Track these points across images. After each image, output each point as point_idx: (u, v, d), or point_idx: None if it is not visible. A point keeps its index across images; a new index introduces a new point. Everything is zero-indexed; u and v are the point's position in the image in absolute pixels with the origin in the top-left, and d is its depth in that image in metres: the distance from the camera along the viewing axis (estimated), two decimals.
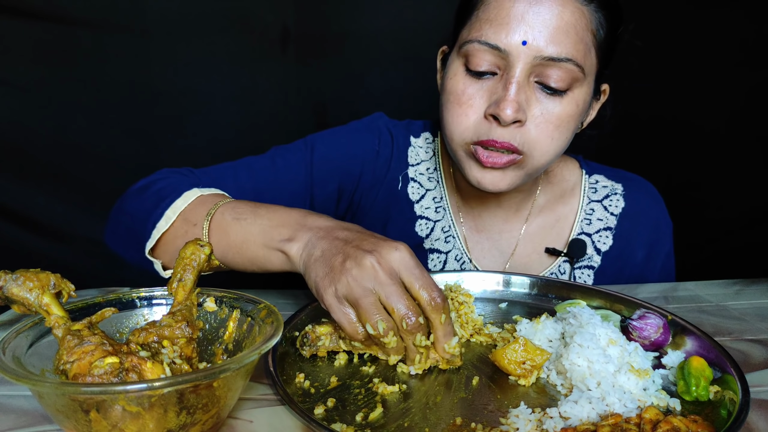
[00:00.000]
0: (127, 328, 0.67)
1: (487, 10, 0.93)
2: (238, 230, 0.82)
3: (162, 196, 0.90)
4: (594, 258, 1.16)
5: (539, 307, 0.94)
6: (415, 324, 0.67)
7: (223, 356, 0.66)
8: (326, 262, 0.70)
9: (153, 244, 0.87)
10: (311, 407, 0.64)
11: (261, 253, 0.80)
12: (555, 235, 1.18)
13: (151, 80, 1.78)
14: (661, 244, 1.20)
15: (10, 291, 0.57)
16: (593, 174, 1.21)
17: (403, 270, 0.68)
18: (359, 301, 0.67)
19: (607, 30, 0.96)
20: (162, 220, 0.87)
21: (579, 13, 0.91)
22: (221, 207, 0.85)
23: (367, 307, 0.67)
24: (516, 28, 0.90)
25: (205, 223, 0.84)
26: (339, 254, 0.70)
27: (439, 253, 1.17)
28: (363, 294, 0.67)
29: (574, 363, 0.69)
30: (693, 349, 0.77)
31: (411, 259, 0.69)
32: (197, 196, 0.89)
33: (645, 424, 0.59)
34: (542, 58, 0.90)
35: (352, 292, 0.67)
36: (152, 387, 0.48)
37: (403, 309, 0.67)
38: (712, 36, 1.81)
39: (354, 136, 1.17)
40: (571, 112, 0.95)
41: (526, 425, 0.61)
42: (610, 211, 1.17)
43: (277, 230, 0.78)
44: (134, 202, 0.95)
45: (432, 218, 1.18)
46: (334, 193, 1.16)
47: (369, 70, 1.83)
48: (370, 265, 0.67)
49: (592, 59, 0.95)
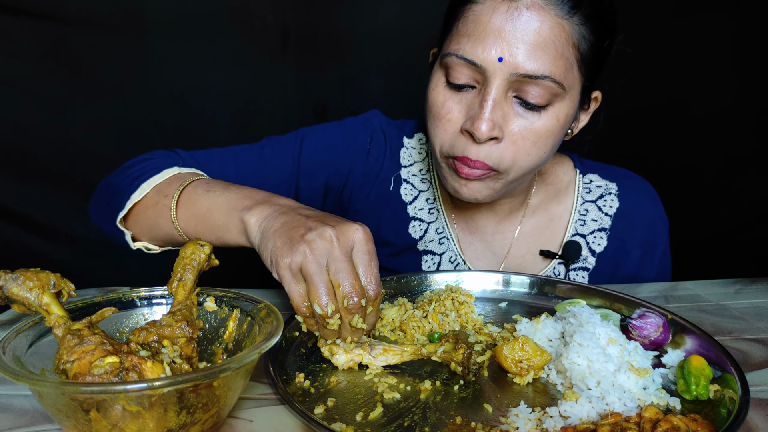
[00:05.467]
0: (127, 327, 0.67)
1: (465, 23, 0.92)
2: (205, 200, 0.85)
3: (142, 172, 0.94)
4: (589, 259, 1.15)
5: (539, 307, 0.94)
6: (356, 305, 0.69)
7: (223, 356, 0.66)
8: (286, 233, 0.71)
9: (125, 212, 0.90)
10: (311, 407, 0.64)
11: (221, 221, 0.81)
12: (549, 236, 1.17)
13: (151, 80, 1.78)
14: (657, 244, 1.18)
15: (10, 290, 0.57)
16: (587, 173, 1.20)
17: (356, 251, 0.70)
18: (312, 277, 0.68)
19: (593, 42, 0.92)
20: (137, 192, 0.90)
21: (559, 28, 0.88)
22: (195, 182, 0.88)
23: (318, 285, 0.68)
24: (493, 43, 0.88)
25: (176, 192, 0.87)
26: (300, 227, 0.71)
27: (433, 255, 1.17)
28: (316, 270, 0.68)
29: (574, 362, 0.69)
30: (693, 348, 0.77)
31: (367, 243, 0.71)
32: (175, 173, 0.92)
33: (645, 423, 0.59)
34: (519, 74, 0.88)
35: (307, 265, 0.68)
36: (152, 386, 0.48)
37: (348, 287, 0.68)
38: (709, 35, 1.82)
39: (346, 132, 1.17)
40: (551, 128, 0.93)
41: (526, 424, 0.61)
42: (605, 212, 1.16)
43: (242, 201, 0.80)
44: (117, 178, 0.99)
45: (425, 220, 1.17)
46: (320, 187, 1.15)
47: (369, 70, 1.83)
48: (329, 237, 0.68)
49: (574, 74, 0.92)
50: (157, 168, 0.93)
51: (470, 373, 0.71)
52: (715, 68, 1.85)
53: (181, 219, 0.87)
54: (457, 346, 0.72)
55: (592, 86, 0.99)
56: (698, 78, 1.85)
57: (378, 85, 1.83)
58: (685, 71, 1.85)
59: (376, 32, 1.79)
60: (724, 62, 1.85)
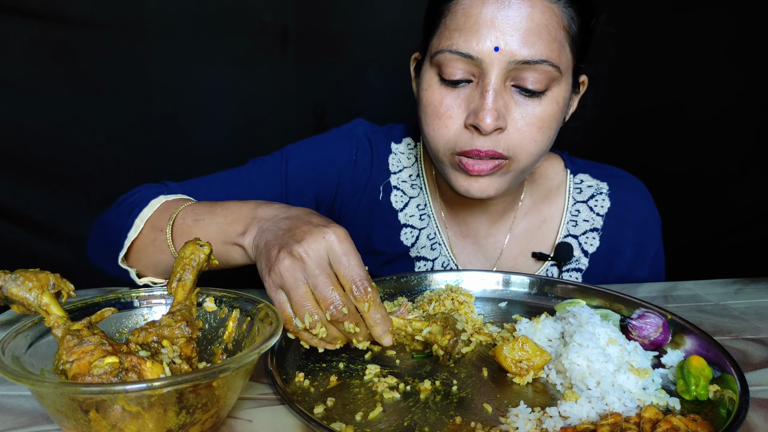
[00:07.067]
0: (127, 327, 0.67)
1: (455, 18, 0.91)
2: (198, 232, 0.85)
3: (133, 207, 0.94)
4: (581, 260, 1.15)
5: (539, 307, 0.94)
6: (338, 314, 0.68)
7: (222, 356, 0.66)
8: (267, 253, 0.72)
9: (124, 252, 0.91)
10: (311, 406, 0.64)
11: (222, 250, 0.83)
12: (541, 237, 1.16)
13: (150, 80, 1.78)
14: (650, 243, 1.18)
15: (10, 291, 0.57)
16: (578, 173, 1.19)
17: (332, 258, 0.69)
18: (290, 293, 0.68)
19: (580, 24, 0.94)
20: (132, 229, 0.91)
21: (549, 12, 0.89)
22: (181, 211, 0.89)
23: (298, 300, 0.68)
24: (486, 34, 0.88)
25: (168, 228, 0.88)
26: (275, 246, 0.71)
27: (426, 261, 1.16)
28: (293, 285, 0.68)
29: (574, 362, 0.69)
30: (692, 348, 0.77)
31: (339, 245, 0.69)
32: (162, 202, 0.93)
33: (644, 423, 0.59)
34: (516, 62, 0.88)
35: (285, 283, 0.68)
36: (152, 387, 0.48)
37: (328, 299, 0.68)
38: (709, 32, 1.82)
39: (330, 146, 1.16)
40: (552, 112, 0.93)
41: (526, 425, 0.61)
42: (596, 212, 1.16)
43: (232, 227, 0.82)
44: (111, 215, 0.99)
45: (417, 226, 1.17)
46: (311, 202, 1.15)
47: (369, 70, 1.83)
48: (298, 255, 0.68)
49: (567, 56, 0.93)
50: (145, 200, 0.94)
51: (450, 360, 0.72)
52: (715, 66, 1.85)
53: None
54: (445, 331, 0.73)
55: (580, 69, 1.00)
56: (697, 77, 1.85)
57: (377, 85, 1.83)
58: (684, 70, 1.85)
59: (375, 32, 1.79)
60: (722, 60, 1.85)
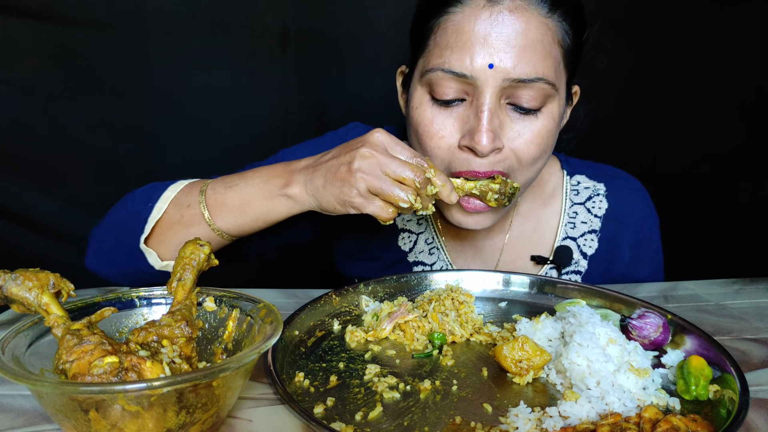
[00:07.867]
0: (127, 327, 0.67)
1: (445, 34, 0.88)
2: (233, 196, 0.88)
3: (149, 195, 0.94)
4: (580, 263, 1.14)
5: (539, 307, 0.94)
6: (424, 180, 0.79)
7: (222, 355, 0.66)
8: (333, 181, 0.79)
9: (147, 233, 0.90)
10: (311, 406, 0.64)
11: (264, 207, 0.87)
12: (539, 240, 1.15)
13: (150, 80, 1.78)
14: (648, 243, 1.17)
15: (10, 290, 0.57)
16: (575, 174, 1.18)
17: (388, 147, 0.80)
18: (380, 188, 0.77)
19: (573, 37, 0.92)
20: (153, 211, 0.91)
21: (544, 27, 0.87)
22: (210, 184, 0.91)
23: (389, 190, 0.77)
24: (480, 51, 0.85)
25: (201, 198, 0.90)
26: (340, 167, 0.79)
27: (424, 266, 1.16)
28: (379, 180, 0.77)
29: (574, 362, 0.69)
30: (692, 348, 0.77)
31: (387, 137, 0.80)
32: (184, 185, 0.94)
33: (644, 423, 0.59)
34: (511, 80, 0.85)
35: (371, 183, 0.77)
36: (151, 386, 0.48)
37: (411, 174, 0.78)
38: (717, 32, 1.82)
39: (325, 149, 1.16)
40: (549, 127, 0.92)
41: (526, 424, 0.61)
42: (594, 213, 1.15)
43: (272, 182, 0.86)
44: (119, 212, 0.98)
45: (415, 231, 1.16)
46: None
47: (369, 71, 1.83)
48: (368, 153, 0.77)
49: (561, 71, 0.91)
50: (160, 187, 0.95)
51: (506, 199, 0.89)
52: (715, 67, 1.85)
53: (218, 220, 0.90)
54: (495, 179, 0.89)
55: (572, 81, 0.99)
56: (697, 77, 1.85)
57: (377, 86, 1.83)
58: (684, 70, 1.85)
59: (375, 33, 1.79)
60: (723, 60, 1.85)
